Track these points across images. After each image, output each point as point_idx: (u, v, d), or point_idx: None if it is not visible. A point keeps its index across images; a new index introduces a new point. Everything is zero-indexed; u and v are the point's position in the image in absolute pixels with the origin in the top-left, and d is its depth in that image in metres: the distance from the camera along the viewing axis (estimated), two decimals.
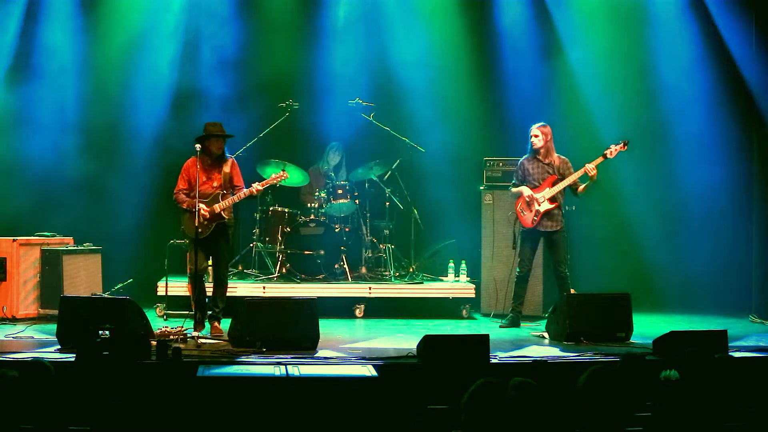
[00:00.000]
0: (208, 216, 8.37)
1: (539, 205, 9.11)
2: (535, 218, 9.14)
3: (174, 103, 10.72)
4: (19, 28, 10.45)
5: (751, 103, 10.42)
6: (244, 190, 8.53)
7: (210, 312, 8.58)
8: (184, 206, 8.53)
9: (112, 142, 10.77)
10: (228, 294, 9.19)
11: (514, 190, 9.36)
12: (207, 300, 8.66)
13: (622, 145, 9.07)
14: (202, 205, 8.38)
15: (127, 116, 10.75)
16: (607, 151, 9.05)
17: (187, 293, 9.13)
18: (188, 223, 8.50)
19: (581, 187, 9.13)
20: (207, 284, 8.80)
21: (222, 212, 8.43)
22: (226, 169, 8.55)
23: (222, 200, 8.44)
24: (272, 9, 11.06)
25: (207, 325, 8.52)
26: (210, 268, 8.89)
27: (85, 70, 10.78)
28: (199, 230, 8.40)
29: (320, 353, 7.54)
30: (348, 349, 7.70)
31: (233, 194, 8.53)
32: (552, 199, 9.11)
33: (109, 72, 10.74)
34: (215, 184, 8.51)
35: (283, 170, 8.93)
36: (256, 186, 8.55)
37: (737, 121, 10.72)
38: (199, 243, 8.45)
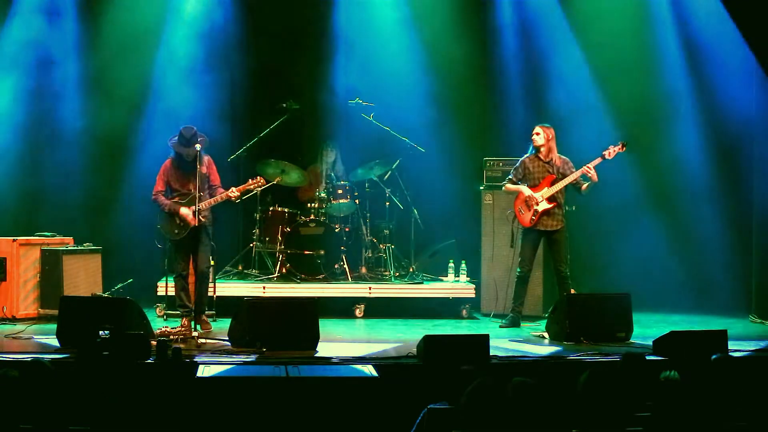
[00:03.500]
0: (195, 223, 8.48)
1: (537, 205, 9.11)
2: (534, 217, 9.13)
3: (174, 103, 10.71)
4: (18, 27, 10.47)
5: (751, 102, 10.43)
6: (222, 193, 8.61)
7: (196, 308, 8.69)
8: (166, 210, 8.66)
9: (112, 141, 10.77)
10: (228, 294, 9.21)
11: (511, 187, 9.33)
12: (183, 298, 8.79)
13: (620, 146, 9.07)
14: (186, 211, 8.53)
15: (127, 116, 10.75)
16: (606, 152, 9.05)
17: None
18: (165, 224, 8.68)
19: (584, 186, 9.14)
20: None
21: (198, 214, 8.50)
22: (203, 169, 8.61)
23: (198, 202, 8.51)
24: (273, 9, 11.05)
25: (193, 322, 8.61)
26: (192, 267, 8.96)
27: (84, 70, 10.77)
28: (176, 231, 8.61)
29: (320, 353, 7.54)
30: (348, 349, 7.71)
31: (210, 195, 8.63)
32: (551, 199, 9.11)
33: (108, 72, 10.74)
34: (191, 186, 8.56)
35: (261, 177, 9.07)
36: (234, 192, 8.68)
37: (738, 120, 10.71)
38: (178, 244, 8.65)
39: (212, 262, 9.33)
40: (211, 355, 7.41)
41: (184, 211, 8.55)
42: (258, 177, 9.07)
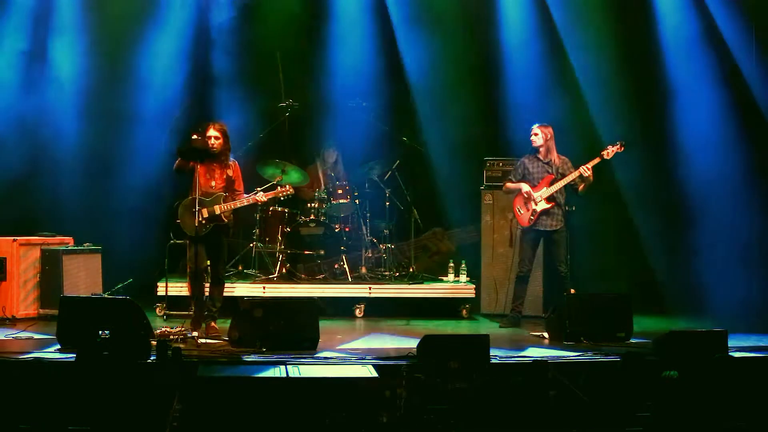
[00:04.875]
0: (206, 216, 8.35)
1: (536, 204, 9.12)
2: (532, 217, 9.14)
3: (174, 103, 10.72)
4: (21, 31, 10.49)
5: (754, 102, 10.44)
6: (247, 196, 8.52)
7: (206, 312, 8.56)
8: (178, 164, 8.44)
9: (112, 141, 10.78)
10: (227, 294, 9.19)
11: (511, 185, 9.34)
12: (204, 299, 8.61)
13: (619, 146, 9.08)
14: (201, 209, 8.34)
15: (127, 117, 10.75)
16: (604, 152, 9.07)
17: (187, 293, 9.12)
18: (185, 219, 8.46)
19: (581, 187, 9.15)
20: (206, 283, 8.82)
21: (221, 214, 8.42)
22: (230, 172, 8.53)
23: (223, 202, 8.43)
24: (274, 9, 11.06)
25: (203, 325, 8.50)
26: (209, 267, 8.88)
27: (85, 71, 10.78)
28: (196, 227, 8.34)
29: (320, 353, 7.54)
30: (348, 349, 7.71)
31: (233, 199, 8.52)
32: (549, 199, 9.12)
33: (110, 73, 10.75)
34: (214, 184, 8.46)
35: (289, 185, 8.93)
36: (261, 196, 8.59)
37: (740, 120, 10.71)
38: (198, 241, 8.44)
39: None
40: (211, 355, 7.42)
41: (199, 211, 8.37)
42: (287, 185, 8.90)
